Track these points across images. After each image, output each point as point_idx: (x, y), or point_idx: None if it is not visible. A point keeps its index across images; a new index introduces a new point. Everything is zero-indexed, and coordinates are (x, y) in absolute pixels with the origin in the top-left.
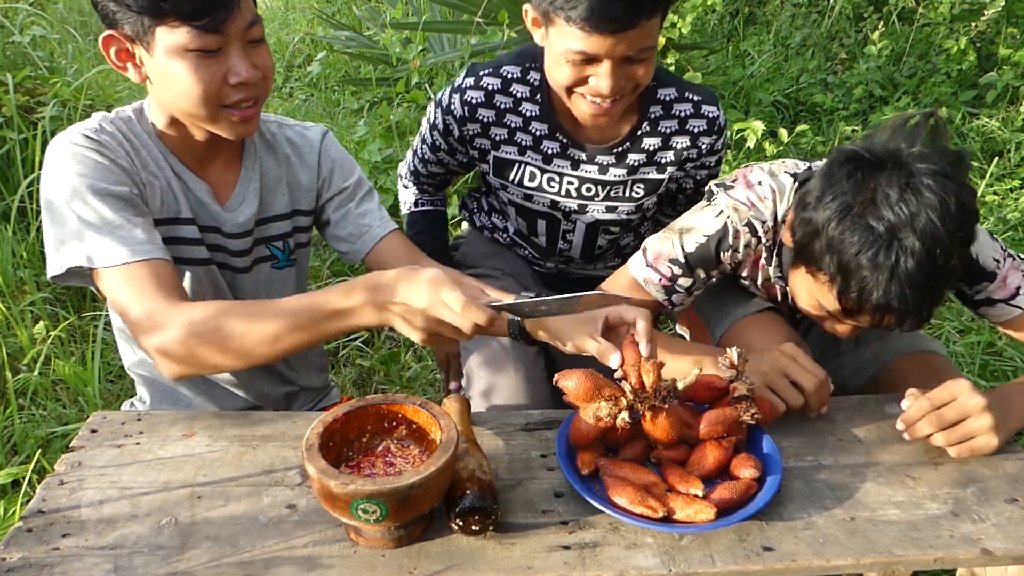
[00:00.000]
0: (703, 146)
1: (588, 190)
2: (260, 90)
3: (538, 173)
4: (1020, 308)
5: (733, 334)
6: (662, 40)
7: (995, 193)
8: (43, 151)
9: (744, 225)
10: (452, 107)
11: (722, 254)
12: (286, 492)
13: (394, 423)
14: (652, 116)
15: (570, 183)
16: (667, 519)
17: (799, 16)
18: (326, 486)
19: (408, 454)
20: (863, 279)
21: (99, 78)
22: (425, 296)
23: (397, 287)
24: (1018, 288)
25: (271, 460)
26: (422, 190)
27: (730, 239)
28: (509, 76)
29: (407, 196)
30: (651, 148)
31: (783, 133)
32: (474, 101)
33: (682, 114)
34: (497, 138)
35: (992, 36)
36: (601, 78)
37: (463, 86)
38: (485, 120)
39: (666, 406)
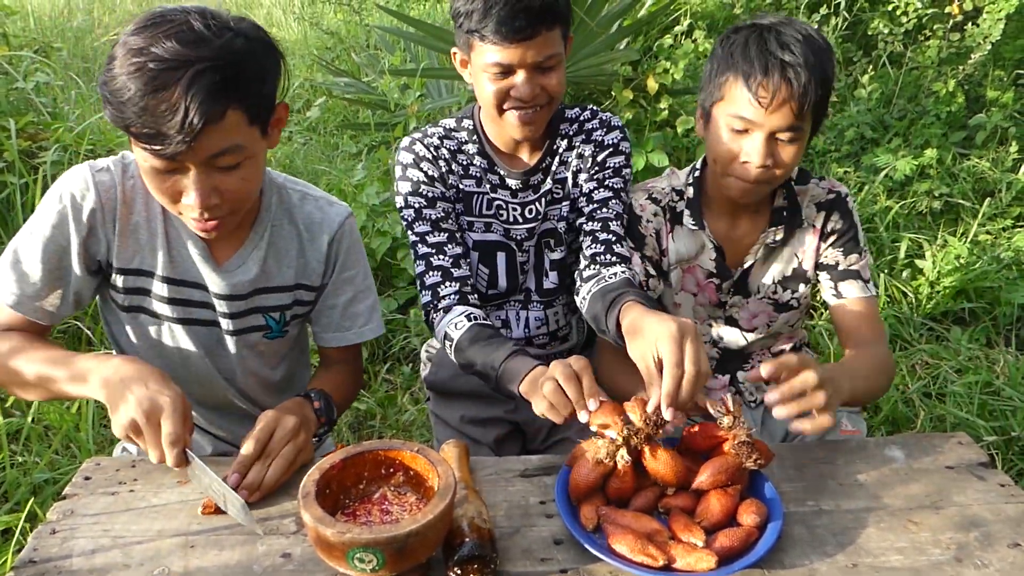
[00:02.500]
0: (596, 138)
1: (531, 211)
2: (223, 211)
3: (491, 201)
4: (871, 292)
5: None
6: (655, 85)
7: (988, 232)
8: (44, 196)
9: (645, 199)
10: (418, 152)
11: (639, 227)
12: (281, 540)
13: (391, 469)
14: (563, 132)
15: (515, 210)
16: (668, 568)
17: None
18: (322, 534)
19: (405, 501)
20: (763, 45)
21: (101, 123)
22: None
23: None
24: (869, 279)
25: (266, 507)
26: (462, 294)
27: (636, 211)
28: (447, 126)
29: (449, 324)
30: (560, 150)
31: None
32: (431, 143)
33: (582, 118)
34: (458, 172)
35: (979, 79)
36: (520, 86)
37: (415, 138)
38: (445, 156)
39: (660, 432)
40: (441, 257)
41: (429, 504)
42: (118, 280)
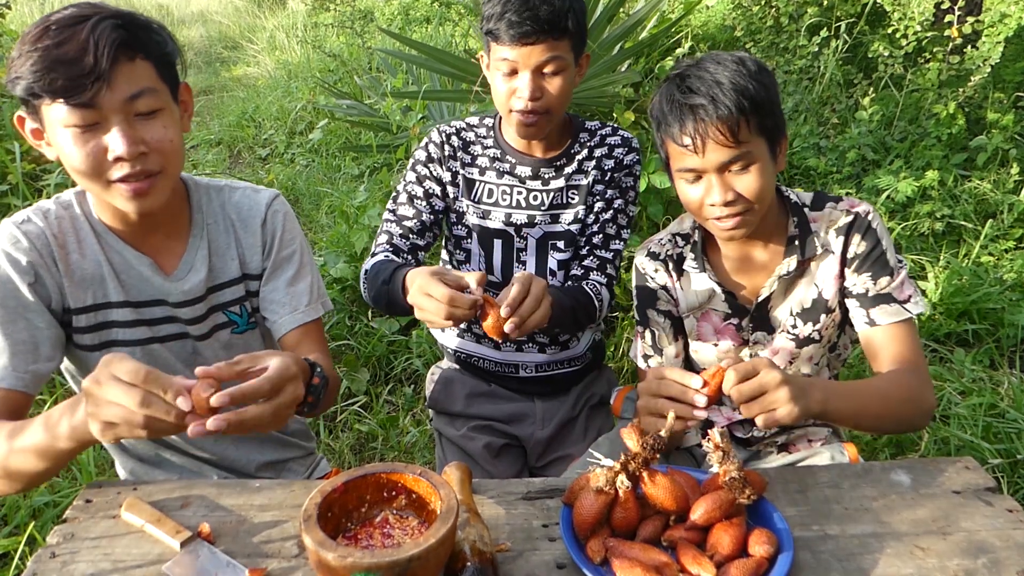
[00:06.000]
0: (617, 156)
1: (535, 198)
2: (151, 164)
3: (494, 189)
4: (910, 312)
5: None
6: None
7: (990, 254)
8: None
9: (645, 257)
10: (431, 137)
11: (647, 285)
12: (283, 564)
13: (393, 492)
14: (582, 140)
15: (519, 194)
16: None
17: (791, 82)
18: (323, 558)
19: (407, 525)
20: (672, 96)
21: None
22: None
23: None
24: (910, 296)
25: (268, 530)
26: (395, 249)
27: (640, 270)
28: (469, 121)
29: (368, 262)
30: (580, 159)
31: None
32: (447, 131)
33: (603, 133)
34: (464, 161)
35: (980, 101)
36: (522, 87)
37: (436, 128)
38: (455, 145)
39: (657, 457)
40: (394, 224)
41: (431, 528)
42: (81, 320)
